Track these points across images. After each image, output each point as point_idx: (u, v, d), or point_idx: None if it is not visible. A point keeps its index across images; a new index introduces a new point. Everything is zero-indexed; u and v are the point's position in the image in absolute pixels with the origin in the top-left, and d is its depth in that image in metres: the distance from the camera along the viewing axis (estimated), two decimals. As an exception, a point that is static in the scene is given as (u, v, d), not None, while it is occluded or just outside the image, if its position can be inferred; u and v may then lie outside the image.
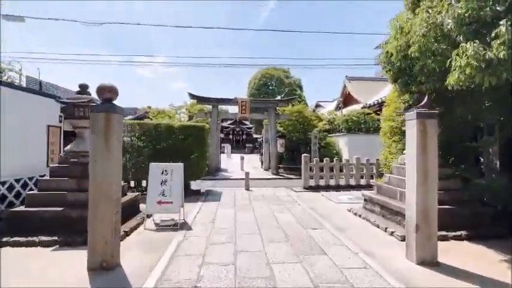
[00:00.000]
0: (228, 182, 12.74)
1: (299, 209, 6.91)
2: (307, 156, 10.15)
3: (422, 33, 3.93)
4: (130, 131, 8.39)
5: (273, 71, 39.65)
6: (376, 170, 10.48)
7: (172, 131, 8.56)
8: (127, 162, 8.33)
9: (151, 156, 8.44)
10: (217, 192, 9.22)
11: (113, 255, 3.54)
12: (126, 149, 8.35)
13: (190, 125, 8.71)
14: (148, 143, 8.46)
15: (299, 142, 16.35)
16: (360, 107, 18.17)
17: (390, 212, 5.50)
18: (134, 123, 8.36)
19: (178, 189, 5.45)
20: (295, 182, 12.49)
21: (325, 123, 17.05)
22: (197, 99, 15.22)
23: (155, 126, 8.45)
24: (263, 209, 6.83)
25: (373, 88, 22.51)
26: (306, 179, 9.97)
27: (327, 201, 8.00)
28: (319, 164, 10.17)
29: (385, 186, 6.05)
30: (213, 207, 6.99)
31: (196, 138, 8.70)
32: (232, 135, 45.04)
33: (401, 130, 7.95)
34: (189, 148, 8.58)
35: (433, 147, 3.77)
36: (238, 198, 8.26)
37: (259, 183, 11.94)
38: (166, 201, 5.33)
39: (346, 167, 10.28)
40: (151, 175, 5.43)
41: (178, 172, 5.55)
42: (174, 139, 8.57)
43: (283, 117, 15.91)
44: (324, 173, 10.14)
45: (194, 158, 8.60)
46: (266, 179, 13.92)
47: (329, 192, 9.37)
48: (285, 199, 8.16)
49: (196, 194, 8.85)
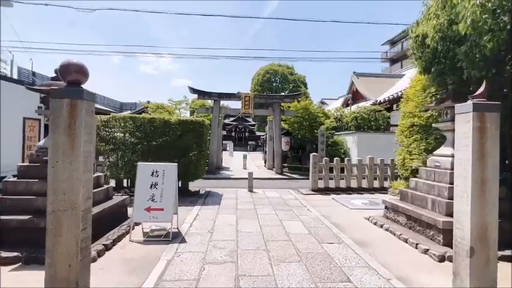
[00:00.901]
0: (229, 181, 11.96)
1: (309, 215, 6.10)
2: (316, 155, 9.32)
3: (480, 2, 3.07)
4: (122, 126, 7.60)
5: (277, 67, 38.67)
6: (390, 171, 9.61)
7: (168, 127, 7.76)
8: (118, 160, 7.56)
9: (146, 154, 7.68)
10: (218, 194, 8.42)
11: (78, 282, 2.75)
12: (117, 146, 7.58)
13: (188, 120, 7.90)
14: (142, 139, 7.68)
15: (305, 140, 15.53)
16: (368, 104, 17.26)
17: (420, 224, 4.66)
18: (126, 116, 7.57)
19: (171, 193, 4.65)
20: (301, 183, 11.69)
21: (332, 121, 16.19)
22: (198, 93, 14.40)
23: (150, 121, 7.66)
24: (269, 215, 6.02)
25: (382, 85, 21.60)
26: (315, 181, 9.14)
27: (339, 206, 7.17)
28: (329, 164, 9.33)
29: (412, 193, 5.21)
30: (212, 212, 6.20)
31: (195, 134, 7.89)
32: (234, 133, 44.30)
33: (426, 127, 7.09)
34: (187, 145, 7.79)
35: (494, 148, 2.92)
36: (240, 201, 7.45)
37: (263, 184, 11.14)
38: (157, 207, 4.53)
39: (358, 168, 9.44)
40: (140, 177, 4.63)
41: (171, 173, 4.74)
42: (170, 135, 7.78)
43: (289, 114, 15.06)
44: (334, 174, 9.31)
45: (193, 157, 7.80)
46: (270, 178, 13.11)
47: (340, 196, 8.54)
48: (293, 203, 7.35)
49: (195, 196, 8.06)
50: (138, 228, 4.76)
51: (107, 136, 7.55)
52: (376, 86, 21.53)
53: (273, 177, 13.53)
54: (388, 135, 14.24)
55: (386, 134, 14.39)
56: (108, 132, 7.55)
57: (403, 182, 8.73)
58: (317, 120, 15.27)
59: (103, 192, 4.90)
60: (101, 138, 7.57)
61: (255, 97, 14.72)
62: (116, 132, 7.60)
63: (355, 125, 15.15)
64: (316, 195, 8.57)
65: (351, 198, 8.02)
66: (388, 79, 23.04)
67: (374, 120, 14.53)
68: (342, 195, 8.70)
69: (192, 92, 14.39)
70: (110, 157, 7.59)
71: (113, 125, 7.55)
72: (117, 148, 7.58)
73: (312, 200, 7.88)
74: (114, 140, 7.56)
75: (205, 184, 10.34)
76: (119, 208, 5.07)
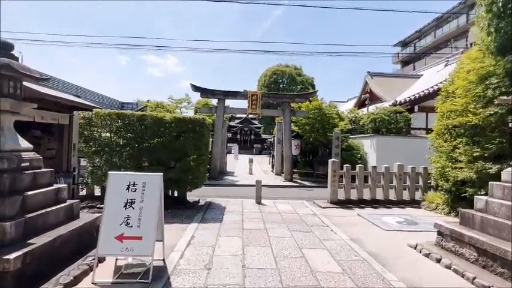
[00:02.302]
0: (234, 189, 10.67)
1: (336, 240, 4.75)
2: (335, 161, 7.96)
3: None
4: (106, 125, 6.38)
5: (284, 68, 37.47)
6: (423, 181, 8.19)
7: (162, 126, 6.51)
8: (102, 165, 6.32)
9: (135, 158, 6.46)
10: (220, 206, 7.12)
11: None
12: (101, 148, 6.35)
13: (186, 118, 6.64)
14: (130, 141, 6.44)
15: (317, 144, 14.18)
16: (386, 105, 15.82)
17: (503, 264, 3.29)
18: (111, 113, 6.34)
19: (153, 214, 3.36)
20: (315, 192, 10.34)
21: (346, 123, 14.81)
22: (201, 91, 13.19)
23: (140, 119, 6.42)
24: (284, 239, 4.68)
25: (398, 85, 20.16)
26: (334, 191, 7.78)
27: (370, 226, 5.80)
28: (351, 172, 7.96)
29: (482, 217, 3.83)
30: (211, 234, 4.89)
31: (194, 135, 6.62)
32: (239, 135, 43.15)
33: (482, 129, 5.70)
34: (184, 148, 6.53)
35: None
36: (247, 216, 6.14)
37: (272, 192, 9.82)
38: (132, 235, 3.24)
39: (384, 177, 8.05)
40: (110, 191, 3.36)
41: (155, 187, 3.46)
42: (165, 136, 6.53)
43: (300, 115, 13.74)
44: (357, 183, 7.93)
45: (191, 162, 6.53)
46: (279, 186, 11.78)
47: (365, 211, 7.16)
48: (311, 220, 6.01)
49: (193, 209, 6.78)
50: (110, 261, 3.48)
51: (89, 136, 6.33)
52: (392, 86, 20.08)
53: (282, 184, 12.19)
54: (411, 139, 12.81)
55: (409, 137, 12.96)
56: (90, 132, 6.33)
57: (441, 195, 7.35)
58: (331, 122, 13.91)
59: (64, 210, 3.64)
60: (83, 139, 6.38)
61: (263, 96, 13.45)
62: (99, 132, 6.38)
63: (373, 127, 13.74)
64: (337, 210, 7.20)
65: (380, 215, 6.64)
66: (404, 79, 21.57)
67: (395, 122, 13.10)
68: (368, 209, 7.32)
69: (194, 90, 13.18)
70: (93, 161, 6.36)
71: (95, 123, 6.33)
72: (101, 150, 6.35)
73: (334, 216, 6.52)
74: (97, 141, 6.34)
75: (206, 192, 9.06)
76: (86, 231, 3.80)
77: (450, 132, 6.86)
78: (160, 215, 3.55)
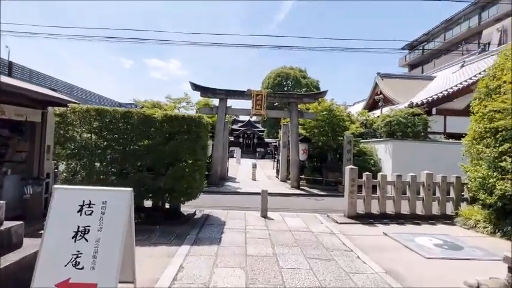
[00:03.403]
0: (236, 198, 9.58)
1: (368, 274, 3.64)
2: (354, 169, 6.85)
3: None
4: (84, 122, 5.35)
5: (288, 70, 36.61)
6: (455, 193, 7.05)
7: (151, 125, 5.48)
8: (79, 171, 5.28)
9: (118, 162, 5.43)
10: (219, 221, 6.03)
11: None
12: (77, 151, 5.32)
13: (179, 116, 5.58)
14: (113, 142, 5.41)
15: (326, 148, 13.07)
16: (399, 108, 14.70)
17: None
18: (90, 108, 5.30)
19: (115, 249, 2.29)
20: (326, 202, 9.24)
21: (358, 126, 13.71)
22: (201, 90, 12.19)
23: (124, 116, 5.37)
24: (300, 273, 3.58)
25: (410, 87, 19.07)
26: (352, 204, 6.67)
27: (404, 251, 4.67)
28: (372, 181, 6.86)
29: None
30: (205, 263, 3.80)
31: (189, 136, 5.57)
32: (242, 139, 42.13)
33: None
34: (177, 152, 5.48)
35: None
36: (251, 236, 5.04)
37: (278, 202, 8.73)
38: (83, 282, 2.18)
39: (410, 187, 6.93)
40: (54, 215, 2.31)
41: (120, 208, 2.41)
42: (154, 137, 5.50)
43: (308, 117, 12.66)
44: (379, 194, 6.82)
45: (186, 168, 5.47)
46: (286, 194, 10.67)
47: (390, 227, 6.05)
48: (329, 242, 4.90)
49: (186, 224, 5.70)
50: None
51: (64, 136, 5.30)
52: (403, 88, 18.98)
53: (289, 192, 11.08)
54: (431, 144, 11.67)
55: (429, 142, 11.82)
56: (65, 131, 5.30)
57: (480, 210, 6.20)
58: (341, 124, 12.82)
59: (-6, 238, 2.59)
60: (57, 140, 5.36)
61: (268, 96, 12.40)
62: (76, 131, 5.35)
63: (388, 131, 12.62)
64: (357, 226, 6.09)
65: (411, 234, 5.50)
66: (416, 81, 20.47)
67: (412, 125, 11.97)
68: (393, 226, 6.20)
69: (194, 89, 12.18)
70: (68, 166, 5.32)
71: (71, 120, 5.31)
72: (78, 154, 5.32)
73: (355, 235, 5.40)
74: (73, 142, 5.31)
75: (205, 201, 8.01)
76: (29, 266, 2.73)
77: (495, 136, 5.75)
78: (130, 244, 2.50)
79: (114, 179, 5.34)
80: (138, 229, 5.22)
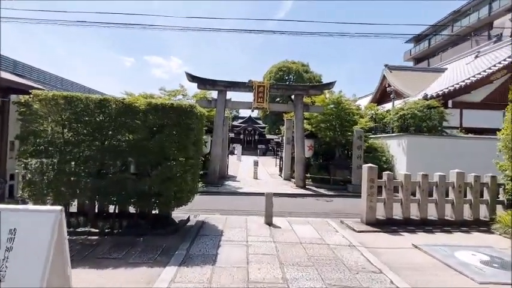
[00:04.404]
0: (236, 199, 8.65)
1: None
2: (373, 168, 5.89)
3: None
4: (52, 112, 4.41)
5: (290, 64, 35.53)
6: (490, 195, 6.09)
7: (132, 115, 4.54)
8: (45, 173, 4.36)
9: (94, 161, 4.48)
10: (216, 230, 5.10)
11: None
12: (42, 148, 4.39)
13: (166, 105, 4.61)
14: (87, 136, 4.47)
15: (333, 144, 12.11)
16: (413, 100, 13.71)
17: None
18: (57, 95, 4.36)
19: None
20: (336, 204, 8.32)
21: (367, 121, 12.72)
22: (198, 82, 11.22)
23: (99, 105, 4.43)
24: (322, 310, 2.65)
25: (420, 80, 18.04)
26: (372, 208, 5.72)
27: (446, 271, 3.73)
28: (393, 183, 5.91)
29: None
30: (195, 293, 2.87)
31: (178, 129, 4.63)
32: (243, 135, 41.22)
33: None
34: (164, 148, 4.54)
35: None
36: (255, 251, 4.12)
37: (283, 204, 7.81)
38: None
39: (438, 189, 5.98)
40: None
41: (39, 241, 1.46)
42: (137, 131, 4.56)
43: (314, 110, 11.69)
44: (402, 197, 5.88)
45: (175, 168, 4.53)
46: (291, 195, 9.74)
47: (418, 237, 5.11)
48: (350, 258, 3.97)
49: (177, 233, 4.77)
50: None
51: (27, 130, 4.37)
52: (412, 80, 17.95)
53: (294, 192, 10.15)
54: (450, 139, 10.68)
55: (448, 138, 10.83)
56: (28, 123, 4.37)
57: (524, 216, 5.24)
58: (350, 118, 11.84)
59: None
60: (18, 134, 4.43)
61: (271, 87, 11.41)
62: (41, 124, 4.42)
63: (401, 125, 11.64)
64: (379, 236, 5.15)
65: (448, 247, 4.56)
66: (426, 73, 19.42)
67: (428, 119, 10.98)
68: (421, 235, 5.26)
69: (191, 80, 11.21)
70: (31, 165, 4.40)
71: (35, 109, 4.37)
72: (44, 151, 4.39)
73: (380, 248, 4.47)
74: (38, 137, 4.38)
75: (202, 203, 7.13)
76: None
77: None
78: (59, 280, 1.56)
79: (89, 180, 4.42)
80: (117, 242, 4.33)
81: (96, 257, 3.73)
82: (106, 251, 3.93)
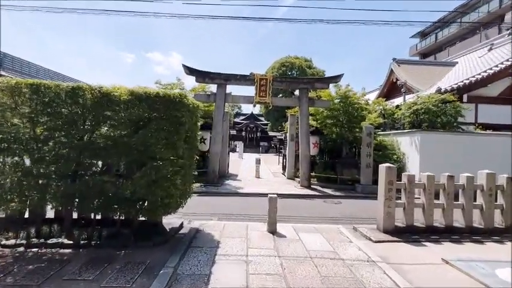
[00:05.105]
0: (236, 201, 7.95)
1: None
2: (392, 168, 5.16)
3: None
4: (15, 103, 3.71)
5: (293, 60, 34.74)
6: (524, 199, 5.35)
7: (112, 107, 3.84)
8: (9, 174, 3.68)
9: (67, 160, 3.80)
10: (211, 241, 4.41)
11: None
12: (6, 144, 3.71)
13: (150, 94, 3.88)
14: (56, 132, 3.78)
15: (340, 141, 11.37)
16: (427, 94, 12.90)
17: None
18: (20, 83, 3.67)
19: None
20: (345, 207, 7.59)
21: (376, 116, 11.95)
22: (196, 75, 10.50)
23: (70, 94, 3.73)
24: None
25: (429, 74, 17.19)
26: (390, 214, 5.01)
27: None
28: (416, 185, 5.18)
29: None
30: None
31: (165, 124, 3.93)
32: (245, 132, 40.49)
33: None
34: (148, 146, 3.84)
35: None
36: (256, 269, 3.43)
37: (288, 206, 7.11)
38: None
39: (465, 192, 5.24)
40: None
41: None
42: (117, 125, 3.87)
43: (320, 105, 10.94)
44: (424, 201, 5.15)
45: (162, 168, 3.83)
46: (295, 196, 9.04)
47: (446, 248, 4.40)
48: (372, 280, 3.27)
49: (166, 244, 4.09)
50: None
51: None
52: (422, 75, 17.13)
53: (299, 193, 9.43)
54: (468, 136, 9.89)
55: (466, 134, 10.03)
56: (-13, 116, 3.69)
57: None
58: (359, 114, 11.08)
59: None
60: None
61: (274, 80, 10.66)
62: (1, 117, 3.73)
63: (413, 121, 10.87)
64: (401, 247, 4.44)
65: (485, 262, 3.84)
66: (435, 67, 18.53)
67: (443, 114, 10.19)
68: (448, 245, 4.54)
69: (189, 73, 10.49)
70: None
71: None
72: (6, 149, 3.70)
73: (405, 264, 3.76)
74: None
75: (199, 204, 6.48)
76: None
77: None
78: None
79: (60, 184, 3.75)
80: (93, 257, 3.49)
81: (63, 277, 3.06)
82: (77, 269, 3.25)
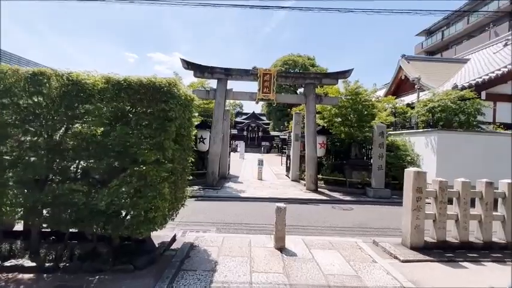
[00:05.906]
0: (237, 207, 7.19)
1: None
2: (421, 173, 4.38)
3: None
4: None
5: (296, 58, 34.02)
6: None
7: (84, 98, 3.09)
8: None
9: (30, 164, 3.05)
10: (207, 262, 3.66)
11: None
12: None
13: (131, 83, 3.13)
14: (14, 129, 3.04)
15: (349, 142, 10.60)
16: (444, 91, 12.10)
17: None
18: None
19: None
20: (358, 214, 6.84)
21: (388, 114, 11.18)
22: (194, 69, 9.77)
23: (32, 81, 2.99)
24: None
25: (440, 71, 16.38)
26: (419, 228, 4.24)
27: None
28: (448, 193, 4.41)
29: None
30: None
31: (150, 119, 3.18)
32: (246, 132, 39.77)
33: None
34: (128, 146, 3.09)
35: None
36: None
37: (295, 213, 6.36)
38: None
39: (506, 202, 4.47)
40: None
41: None
42: (91, 121, 3.13)
43: (328, 102, 10.19)
44: (458, 212, 4.39)
45: (147, 174, 3.08)
46: (302, 201, 8.28)
47: (490, 269, 3.64)
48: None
49: (152, 265, 3.35)
50: None
51: None
52: (432, 72, 16.30)
53: (305, 197, 8.67)
54: (492, 136, 9.10)
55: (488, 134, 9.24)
56: None
57: None
58: (370, 112, 10.31)
59: None
60: None
61: (279, 76, 9.91)
62: None
63: (428, 120, 10.09)
64: (433, 267, 3.67)
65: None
66: (446, 64, 17.73)
67: (461, 112, 9.40)
68: (491, 266, 3.78)
69: (187, 68, 9.77)
70: None
71: None
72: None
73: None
74: None
75: (196, 211, 5.78)
76: None
77: None
78: None
79: (19, 192, 3.01)
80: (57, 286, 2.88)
81: (9, 320, 2.32)
82: (31, 306, 2.51)
